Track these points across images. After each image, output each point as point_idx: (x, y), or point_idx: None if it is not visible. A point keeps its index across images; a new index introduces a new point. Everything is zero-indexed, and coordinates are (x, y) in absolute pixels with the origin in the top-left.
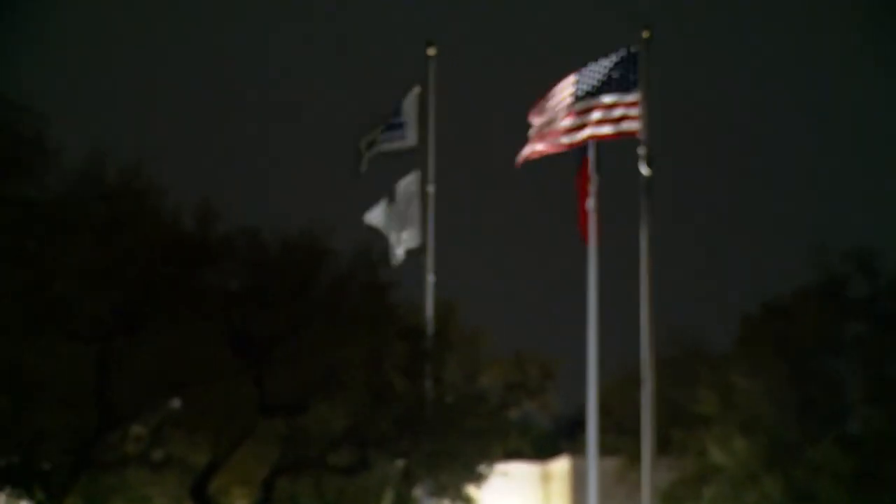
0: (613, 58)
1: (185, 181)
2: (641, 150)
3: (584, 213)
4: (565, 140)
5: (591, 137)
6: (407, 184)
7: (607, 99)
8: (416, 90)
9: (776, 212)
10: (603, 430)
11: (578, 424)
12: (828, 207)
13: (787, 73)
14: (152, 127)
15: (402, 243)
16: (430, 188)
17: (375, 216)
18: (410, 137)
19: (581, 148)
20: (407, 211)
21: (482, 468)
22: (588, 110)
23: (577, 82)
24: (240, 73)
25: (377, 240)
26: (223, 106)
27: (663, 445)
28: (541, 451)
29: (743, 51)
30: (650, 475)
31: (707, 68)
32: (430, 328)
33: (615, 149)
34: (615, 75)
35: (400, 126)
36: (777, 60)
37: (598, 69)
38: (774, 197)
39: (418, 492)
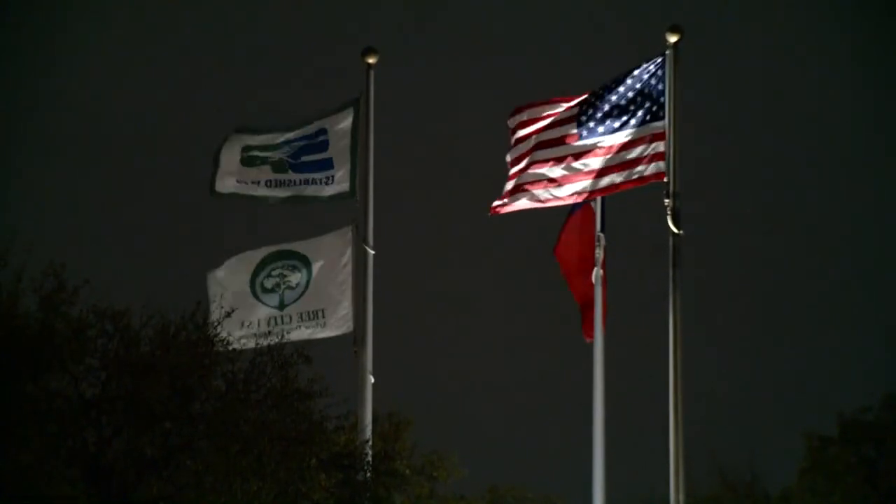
0: (634, 73)
1: (36, 242)
2: (668, 201)
3: (586, 292)
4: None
5: (609, 190)
6: (326, 243)
7: (626, 133)
8: (349, 113)
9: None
10: None
11: None
12: None
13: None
14: None
15: (320, 329)
16: (370, 250)
17: (228, 277)
18: (341, 181)
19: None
20: (326, 282)
21: None
22: (602, 150)
23: (585, 112)
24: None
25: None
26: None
27: None
28: None
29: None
30: None
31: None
32: (369, 453)
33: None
34: (636, 98)
35: (325, 160)
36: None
37: (612, 92)
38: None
39: None
